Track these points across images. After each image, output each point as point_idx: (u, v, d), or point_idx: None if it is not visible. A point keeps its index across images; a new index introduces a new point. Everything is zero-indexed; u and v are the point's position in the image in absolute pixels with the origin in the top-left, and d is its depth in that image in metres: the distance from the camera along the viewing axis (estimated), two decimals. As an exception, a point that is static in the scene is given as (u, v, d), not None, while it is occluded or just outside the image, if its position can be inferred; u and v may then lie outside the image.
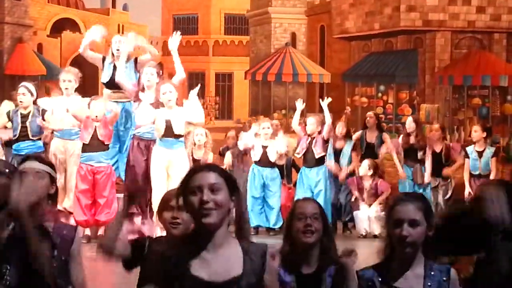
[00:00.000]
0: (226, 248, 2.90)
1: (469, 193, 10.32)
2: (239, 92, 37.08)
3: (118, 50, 9.89)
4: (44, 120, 8.95)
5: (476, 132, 10.62)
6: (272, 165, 10.39)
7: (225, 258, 2.88)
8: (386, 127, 21.28)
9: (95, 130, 8.90)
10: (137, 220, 9.45)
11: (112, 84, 9.84)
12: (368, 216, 10.45)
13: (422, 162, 10.84)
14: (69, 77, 9.39)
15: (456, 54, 23.54)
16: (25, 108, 9.05)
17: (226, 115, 38.41)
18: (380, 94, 25.71)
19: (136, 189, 9.31)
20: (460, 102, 23.64)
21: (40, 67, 28.03)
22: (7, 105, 9.85)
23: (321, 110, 11.36)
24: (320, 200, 9.69)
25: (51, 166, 3.73)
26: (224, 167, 10.55)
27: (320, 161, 10.38)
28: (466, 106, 23.36)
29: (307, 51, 30.77)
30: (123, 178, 9.80)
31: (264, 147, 10.32)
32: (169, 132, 8.90)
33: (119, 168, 9.87)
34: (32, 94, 9.08)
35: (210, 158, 10.55)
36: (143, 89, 9.49)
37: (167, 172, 8.96)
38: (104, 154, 9.01)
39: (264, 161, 10.33)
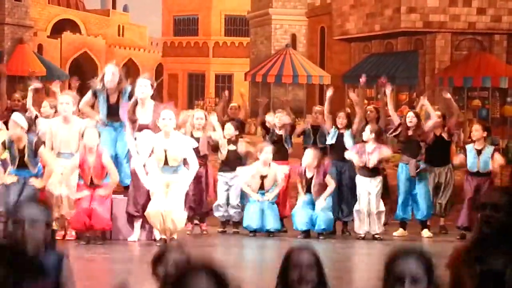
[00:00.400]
0: None
1: (469, 192, 10.40)
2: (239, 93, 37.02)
3: (108, 81, 9.76)
4: (36, 153, 9.00)
5: (477, 131, 10.67)
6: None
7: None
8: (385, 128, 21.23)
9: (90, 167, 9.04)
10: (137, 224, 9.47)
11: (109, 119, 9.84)
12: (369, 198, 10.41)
13: (418, 155, 10.85)
14: (67, 100, 9.46)
15: (456, 56, 23.55)
16: (19, 141, 9.02)
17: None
18: (380, 96, 25.70)
19: (136, 198, 9.35)
20: (460, 104, 23.61)
21: (40, 67, 28.05)
22: (1, 133, 9.80)
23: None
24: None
25: (48, 207, 3.74)
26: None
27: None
28: (466, 107, 23.36)
29: (307, 53, 30.78)
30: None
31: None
32: (167, 161, 8.92)
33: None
34: (22, 128, 8.99)
35: (206, 136, 10.62)
36: (135, 105, 9.43)
37: (166, 188, 8.99)
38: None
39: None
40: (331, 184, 10.39)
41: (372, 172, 10.44)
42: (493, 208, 3.55)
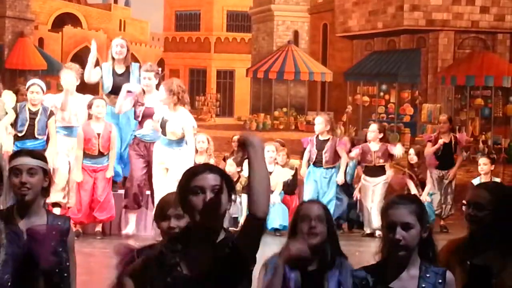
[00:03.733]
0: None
1: None
2: (241, 89, 37.01)
3: (117, 53, 9.68)
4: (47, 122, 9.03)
5: (486, 165, 10.61)
6: None
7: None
8: (387, 127, 21.23)
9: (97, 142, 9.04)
10: (132, 216, 9.39)
11: (114, 91, 9.71)
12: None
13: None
14: (70, 76, 9.36)
15: (459, 54, 23.47)
16: (34, 106, 9.05)
17: (227, 113, 38.34)
18: (382, 93, 25.64)
19: (133, 190, 9.29)
20: (463, 103, 23.56)
21: (41, 61, 27.97)
22: (9, 97, 9.74)
23: (322, 109, 11.38)
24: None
25: (43, 159, 3.73)
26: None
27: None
28: (469, 106, 23.28)
29: (309, 49, 30.70)
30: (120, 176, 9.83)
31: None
32: (165, 133, 8.88)
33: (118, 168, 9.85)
34: (43, 92, 9.10)
35: (211, 163, 10.55)
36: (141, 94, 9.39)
37: (166, 171, 8.93)
38: (104, 158, 9.17)
39: None
40: (343, 156, 10.33)
41: (378, 171, 10.40)
42: (476, 207, 3.58)
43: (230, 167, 10.71)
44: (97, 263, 8.25)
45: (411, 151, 11.21)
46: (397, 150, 10.53)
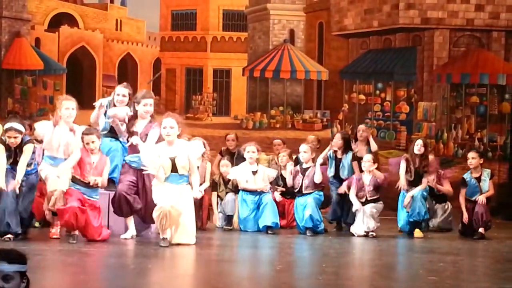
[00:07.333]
0: None
1: (466, 218, 10.43)
2: (237, 88, 36.98)
3: (117, 101, 9.71)
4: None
5: (474, 159, 10.66)
6: None
7: None
8: (383, 125, 21.34)
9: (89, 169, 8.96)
10: (130, 221, 9.44)
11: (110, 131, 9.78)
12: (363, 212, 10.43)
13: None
14: (72, 105, 9.40)
15: (454, 52, 23.51)
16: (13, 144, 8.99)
17: (223, 111, 38.32)
18: (378, 92, 25.67)
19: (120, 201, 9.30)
20: (458, 100, 23.60)
21: (37, 61, 27.96)
22: None
23: (318, 108, 11.47)
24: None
25: (22, 260, 3.61)
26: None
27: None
28: (464, 104, 23.32)
29: (305, 48, 30.72)
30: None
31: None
32: (176, 169, 8.81)
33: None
34: (22, 133, 9.00)
35: (208, 167, 10.64)
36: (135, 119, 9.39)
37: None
38: (94, 191, 9.08)
39: None
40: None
41: (370, 201, 10.49)
42: None
43: (225, 168, 10.80)
44: (95, 263, 8.30)
45: (419, 141, 11.15)
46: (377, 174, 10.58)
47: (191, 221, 8.86)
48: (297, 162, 11.04)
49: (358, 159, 11.05)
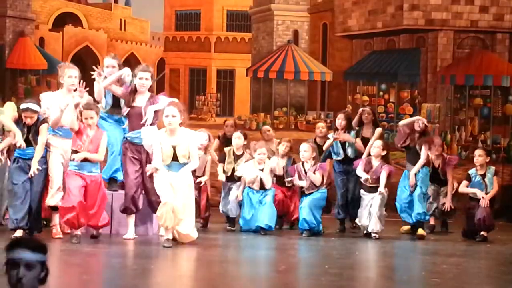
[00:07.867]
0: None
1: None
2: (241, 89, 37.02)
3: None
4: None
5: (481, 156, 10.67)
6: None
7: None
8: (387, 126, 21.33)
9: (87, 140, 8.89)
10: (131, 221, 9.42)
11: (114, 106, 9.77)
12: (369, 211, 10.38)
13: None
14: (75, 73, 9.36)
15: (458, 54, 23.50)
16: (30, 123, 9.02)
17: (227, 112, 38.33)
18: (381, 93, 25.67)
19: (129, 194, 9.27)
20: (462, 102, 23.58)
21: (41, 61, 27.99)
22: (11, 109, 9.75)
23: (322, 109, 11.50)
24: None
25: (44, 249, 3.61)
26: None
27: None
28: (468, 106, 23.30)
29: (309, 49, 30.72)
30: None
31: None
32: (177, 158, 8.76)
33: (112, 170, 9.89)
34: (37, 113, 9.02)
35: (209, 160, 10.63)
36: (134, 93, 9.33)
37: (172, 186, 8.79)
38: (94, 165, 8.96)
39: None
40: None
41: (375, 188, 10.44)
42: None
43: (237, 140, 10.81)
44: (97, 263, 8.30)
45: (420, 119, 11.15)
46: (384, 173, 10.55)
47: (190, 210, 8.86)
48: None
49: (362, 139, 11.09)
